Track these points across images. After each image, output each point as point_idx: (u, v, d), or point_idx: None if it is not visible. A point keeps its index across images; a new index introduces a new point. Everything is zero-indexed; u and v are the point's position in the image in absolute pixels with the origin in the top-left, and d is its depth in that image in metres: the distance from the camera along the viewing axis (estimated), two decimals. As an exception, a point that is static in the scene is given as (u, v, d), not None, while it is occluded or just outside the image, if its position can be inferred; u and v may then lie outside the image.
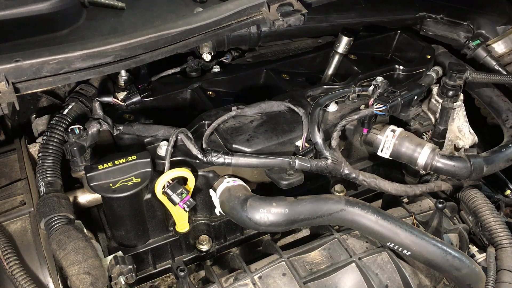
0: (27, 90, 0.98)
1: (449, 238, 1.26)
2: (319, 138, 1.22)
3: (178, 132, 1.19)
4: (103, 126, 1.19)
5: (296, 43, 1.68)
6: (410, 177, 1.42)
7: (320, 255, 1.19)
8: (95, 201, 1.25)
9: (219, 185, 1.19)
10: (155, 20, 1.14)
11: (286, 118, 1.29)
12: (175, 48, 1.06)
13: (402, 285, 1.15)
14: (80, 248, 1.01)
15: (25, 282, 0.98)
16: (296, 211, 1.11)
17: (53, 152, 1.17)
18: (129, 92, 1.37)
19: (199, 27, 1.06)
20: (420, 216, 1.30)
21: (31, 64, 0.95)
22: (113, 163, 1.14)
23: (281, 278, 1.12)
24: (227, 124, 1.27)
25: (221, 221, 1.30)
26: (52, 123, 1.21)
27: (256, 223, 1.11)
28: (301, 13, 1.09)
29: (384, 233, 1.11)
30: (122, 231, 1.22)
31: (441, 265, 1.11)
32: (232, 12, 1.08)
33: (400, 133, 1.28)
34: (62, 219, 1.06)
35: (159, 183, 1.13)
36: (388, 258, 1.17)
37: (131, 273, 1.07)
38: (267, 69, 1.55)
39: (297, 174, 1.21)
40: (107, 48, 0.99)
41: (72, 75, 1.00)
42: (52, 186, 1.12)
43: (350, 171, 1.22)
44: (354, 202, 1.13)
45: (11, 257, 1.01)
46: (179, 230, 1.24)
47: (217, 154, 1.16)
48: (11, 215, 1.13)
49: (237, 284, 1.12)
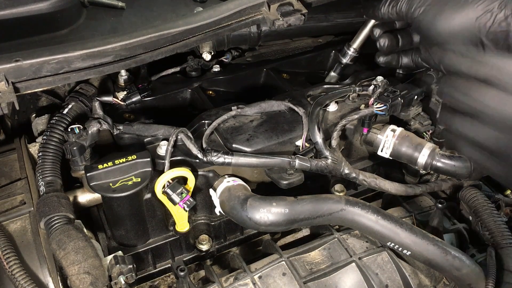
0: (27, 90, 0.98)
1: (449, 238, 1.27)
2: (319, 137, 1.22)
3: (178, 131, 1.19)
4: (103, 126, 1.19)
5: (296, 42, 1.68)
6: (410, 177, 1.42)
7: (320, 255, 1.19)
8: (95, 201, 1.25)
9: (219, 185, 1.19)
10: (155, 20, 1.14)
11: (286, 117, 1.29)
12: (175, 48, 1.06)
13: (402, 285, 1.15)
14: (80, 248, 1.01)
15: (25, 282, 0.98)
16: (296, 210, 1.10)
17: (53, 151, 1.18)
18: (129, 92, 1.37)
19: (199, 26, 1.06)
20: (420, 216, 1.30)
21: (31, 64, 0.94)
22: (113, 162, 1.14)
23: (281, 277, 1.12)
24: (227, 123, 1.27)
25: (221, 220, 1.30)
26: (52, 123, 1.21)
27: (256, 222, 1.11)
28: (301, 13, 1.09)
29: (384, 233, 1.11)
30: (122, 230, 1.22)
31: (441, 265, 1.11)
32: (232, 12, 1.08)
33: (400, 132, 1.27)
34: (62, 218, 1.06)
35: (159, 182, 1.13)
36: (388, 258, 1.17)
37: (131, 273, 1.07)
38: (267, 68, 1.55)
39: (297, 174, 1.21)
40: (107, 48, 0.99)
41: (72, 74, 0.99)
42: (52, 185, 1.12)
43: (350, 171, 1.22)
44: (354, 202, 1.13)
45: (11, 256, 1.01)
46: (179, 229, 1.24)
47: (217, 154, 1.16)
48: (11, 214, 1.13)
49: (237, 283, 1.12)
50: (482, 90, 0.95)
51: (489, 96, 0.94)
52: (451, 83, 1.03)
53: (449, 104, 1.05)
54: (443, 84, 1.06)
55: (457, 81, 1.01)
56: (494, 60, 0.92)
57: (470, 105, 0.98)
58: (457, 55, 0.99)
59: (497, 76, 0.92)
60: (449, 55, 1.01)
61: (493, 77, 0.92)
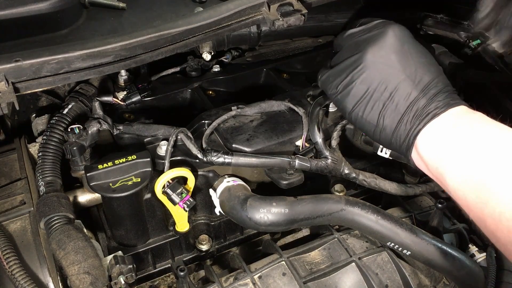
0: (27, 90, 0.98)
1: (449, 238, 1.26)
2: (319, 137, 1.22)
3: (178, 131, 1.19)
4: (103, 126, 1.19)
5: (296, 42, 1.68)
6: (410, 177, 1.42)
7: (320, 255, 1.19)
8: (95, 201, 1.24)
9: (219, 185, 1.19)
10: (155, 20, 1.14)
11: (286, 117, 1.29)
12: (175, 48, 1.06)
13: (402, 285, 1.15)
14: (80, 248, 1.01)
15: (25, 282, 0.98)
16: (296, 210, 1.10)
17: (53, 151, 1.17)
18: (129, 92, 1.37)
19: (199, 27, 1.06)
20: (420, 216, 1.30)
21: (31, 64, 0.94)
22: (113, 162, 1.14)
23: (281, 277, 1.12)
24: (227, 123, 1.27)
25: (221, 220, 1.30)
26: (52, 123, 1.21)
27: (256, 222, 1.11)
28: (301, 13, 1.09)
29: (384, 233, 1.11)
30: (122, 230, 1.22)
31: (441, 265, 1.11)
32: (232, 12, 1.08)
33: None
34: (62, 218, 1.06)
35: (159, 182, 1.13)
36: (388, 258, 1.17)
37: (131, 273, 1.07)
38: (267, 68, 1.55)
39: (297, 174, 1.21)
40: (107, 48, 0.99)
41: (72, 75, 0.99)
42: (52, 185, 1.12)
43: (350, 171, 1.22)
44: (354, 201, 1.13)
45: (11, 257, 1.01)
46: (179, 229, 1.24)
47: (217, 154, 1.16)
48: (11, 214, 1.12)
49: (237, 283, 1.12)
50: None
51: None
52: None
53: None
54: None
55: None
56: None
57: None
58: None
59: None
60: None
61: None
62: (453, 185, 0.88)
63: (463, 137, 0.88)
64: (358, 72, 1.00)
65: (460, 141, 0.88)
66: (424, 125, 0.93)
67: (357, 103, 1.01)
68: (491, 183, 0.81)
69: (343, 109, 1.05)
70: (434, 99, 0.94)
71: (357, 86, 1.01)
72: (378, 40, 1.00)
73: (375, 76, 0.99)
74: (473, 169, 0.84)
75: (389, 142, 1.00)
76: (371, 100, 0.99)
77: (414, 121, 0.94)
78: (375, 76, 0.99)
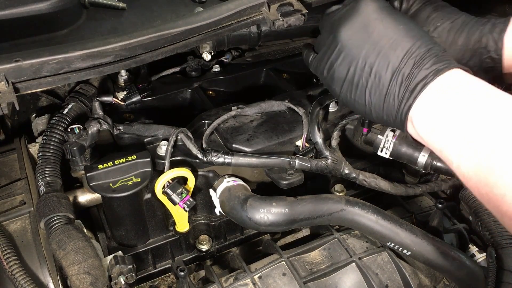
0: (27, 90, 0.97)
1: (449, 238, 1.26)
2: (319, 137, 1.22)
3: (178, 131, 1.19)
4: (103, 126, 1.19)
5: (296, 42, 1.68)
6: (410, 177, 1.42)
7: (320, 255, 1.19)
8: (95, 201, 1.25)
9: (219, 185, 1.19)
10: (155, 20, 1.14)
11: (286, 117, 1.29)
12: (175, 48, 1.06)
13: (402, 285, 1.15)
14: (80, 248, 1.01)
15: (25, 282, 0.98)
16: (296, 211, 1.11)
17: (53, 151, 1.17)
18: (129, 92, 1.36)
19: (199, 27, 1.05)
20: (420, 216, 1.30)
21: (31, 64, 0.94)
22: (113, 162, 1.14)
23: (281, 278, 1.12)
24: (227, 123, 1.27)
25: (221, 221, 1.30)
26: (52, 123, 1.21)
27: (256, 223, 1.11)
28: (301, 13, 1.09)
29: (384, 233, 1.11)
30: (122, 230, 1.22)
31: (441, 265, 1.11)
32: (232, 12, 1.08)
33: (400, 133, 1.27)
34: (62, 219, 1.06)
35: (159, 182, 1.13)
36: (388, 258, 1.17)
37: (131, 273, 1.07)
38: (267, 68, 1.55)
39: (297, 174, 1.21)
40: (107, 48, 0.99)
41: (72, 75, 0.99)
42: (52, 185, 1.12)
43: (350, 171, 1.22)
44: (354, 202, 1.13)
45: (11, 257, 1.01)
46: (179, 230, 1.24)
47: (217, 154, 1.16)
48: (11, 214, 1.13)
49: (237, 284, 1.12)
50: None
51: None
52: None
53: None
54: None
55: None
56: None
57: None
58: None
59: None
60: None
61: None
62: (456, 163, 0.81)
63: (459, 109, 0.81)
64: (336, 54, 0.97)
65: (456, 115, 0.81)
66: (414, 98, 0.86)
67: (342, 85, 0.98)
68: (496, 162, 0.74)
69: (333, 94, 1.03)
70: (419, 66, 0.87)
71: (338, 69, 0.97)
72: (350, 16, 0.96)
73: (354, 55, 0.95)
74: (476, 146, 0.77)
75: (382, 119, 0.95)
76: (355, 80, 0.95)
77: (403, 94, 0.88)
78: (354, 54, 0.95)
